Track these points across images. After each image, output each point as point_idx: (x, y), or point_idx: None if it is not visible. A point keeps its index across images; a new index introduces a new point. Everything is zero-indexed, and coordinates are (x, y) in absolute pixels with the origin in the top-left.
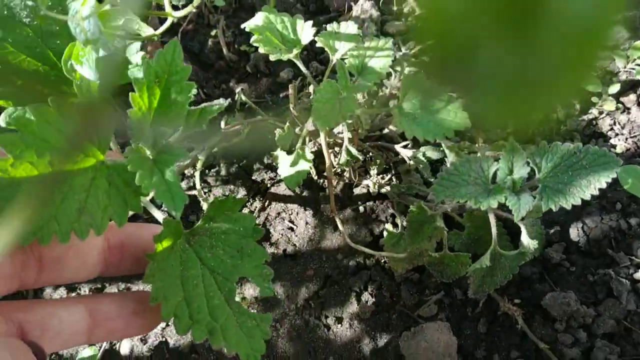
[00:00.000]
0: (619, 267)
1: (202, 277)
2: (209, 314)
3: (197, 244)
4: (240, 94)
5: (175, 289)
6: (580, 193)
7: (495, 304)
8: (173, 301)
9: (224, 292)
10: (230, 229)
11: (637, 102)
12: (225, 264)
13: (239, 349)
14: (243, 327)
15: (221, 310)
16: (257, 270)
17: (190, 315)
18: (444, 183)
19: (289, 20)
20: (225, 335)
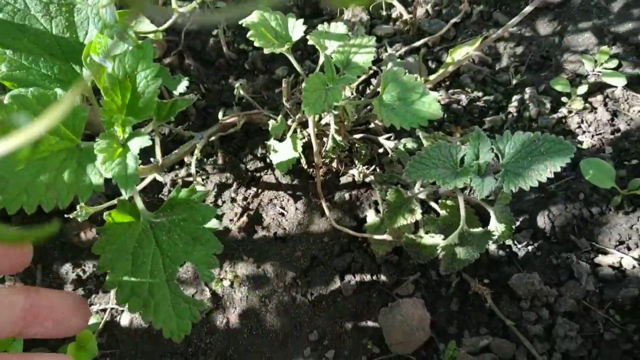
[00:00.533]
0: (581, 252)
1: (153, 256)
2: (148, 290)
3: (157, 227)
4: (239, 88)
5: (124, 262)
6: (538, 176)
7: (467, 285)
8: (119, 273)
9: (167, 273)
10: (190, 217)
11: (604, 103)
12: (177, 248)
13: (164, 326)
14: (175, 308)
15: (160, 289)
16: (204, 258)
17: (131, 288)
18: (416, 165)
19: (281, 17)
20: (156, 311)
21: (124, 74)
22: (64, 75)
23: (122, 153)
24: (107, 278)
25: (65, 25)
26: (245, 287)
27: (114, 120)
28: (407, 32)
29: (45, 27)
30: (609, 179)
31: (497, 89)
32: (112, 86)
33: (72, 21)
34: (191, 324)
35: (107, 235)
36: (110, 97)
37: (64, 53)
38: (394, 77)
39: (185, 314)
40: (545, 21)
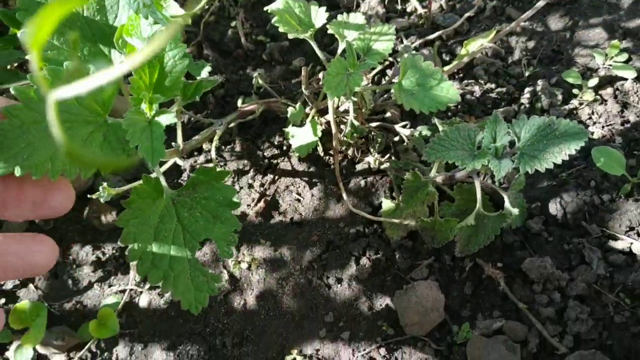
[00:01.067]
0: (592, 238)
1: (174, 231)
2: (168, 263)
3: (179, 204)
4: (258, 78)
5: (146, 236)
6: (553, 158)
7: (480, 269)
8: (142, 246)
9: (188, 248)
10: (211, 196)
11: (614, 95)
12: (198, 225)
13: (183, 297)
14: (194, 281)
15: (180, 263)
16: (224, 235)
17: (152, 261)
18: (435, 147)
19: (305, 5)
20: (175, 283)
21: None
22: (92, 56)
23: (148, 128)
24: (129, 250)
25: (96, 9)
26: (263, 270)
27: (141, 97)
28: (421, 25)
29: (76, 9)
30: (620, 166)
31: (510, 81)
32: (140, 64)
33: (102, 5)
34: (208, 297)
35: (131, 209)
36: (138, 75)
37: (94, 35)
38: (413, 64)
39: (204, 287)
40: (556, 16)
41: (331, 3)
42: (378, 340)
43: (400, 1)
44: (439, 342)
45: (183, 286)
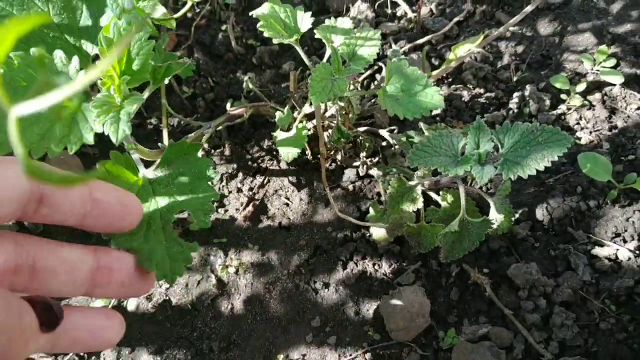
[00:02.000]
0: (578, 244)
1: (149, 206)
2: (144, 236)
3: (156, 182)
4: (248, 81)
5: None
6: (536, 165)
7: (467, 275)
8: None
9: (163, 221)
10: (186, 171)
11: (602, 100)
12: (174, 199)
13: (157, 269)
14: (169, 252)
15: (155, 235)
16: (200, 205)
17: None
18: (418, 153)
19: (290, 10)
20: (150, 255)
21: (119, 36)
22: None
23: (116, 110)
24: None
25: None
26: (250, 274)
27: (109, 81)
28: (411, 29)
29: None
30: (606, 172)
31: (498, 86)
32: (107, 48)
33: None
34: (184, 267)
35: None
36: None
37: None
38: (398, 69)
39: (179, 256)
40: (545, 21)
41: (321, 7)
42: (364, 345)
43: (390, 5)
44: (424, 347)
45: (158, 258)
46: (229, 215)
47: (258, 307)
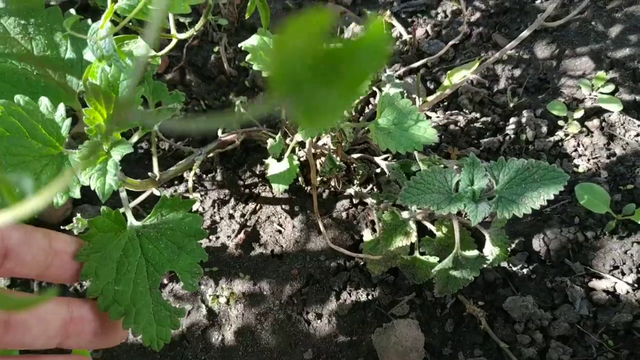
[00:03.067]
0: (575, 276)
1: (137, 265)
2: (130, 298)
3: (144, 236)
4: (239, 106)
5: (108, 270)
6: (531, 203)
7: (462, 306)
8: (103, 281)
9: (150, 282)
10: (176, 226)
11: (600, 127)
12: (162, 257)
13: (144, 333)
14: (156, 315)
15: (142, 297)
16: (189, 267)
17: (114, 296)
18: (411, 190)
19: None
20: (137, 319)
21: (107, 83)
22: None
23: (103, 161)
24: (90, 285)
25: (45, 44)
26: (242, 305)
27: (97, 129)
28: (406, 52)
29: (26, 47)
30: (603, 204)
31: (495, 111)
32: (95, 95)
33: (51, 39)
34: (171, 332)
35: (91, 243)
36: (94, 105)
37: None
38: (391, 102)
39: (166, 322)
40: (543, 44)
41: None
42: None
43: (385, 27)
44: None
45: (145, 321)
46: (221, 242)
47: (249, 338)
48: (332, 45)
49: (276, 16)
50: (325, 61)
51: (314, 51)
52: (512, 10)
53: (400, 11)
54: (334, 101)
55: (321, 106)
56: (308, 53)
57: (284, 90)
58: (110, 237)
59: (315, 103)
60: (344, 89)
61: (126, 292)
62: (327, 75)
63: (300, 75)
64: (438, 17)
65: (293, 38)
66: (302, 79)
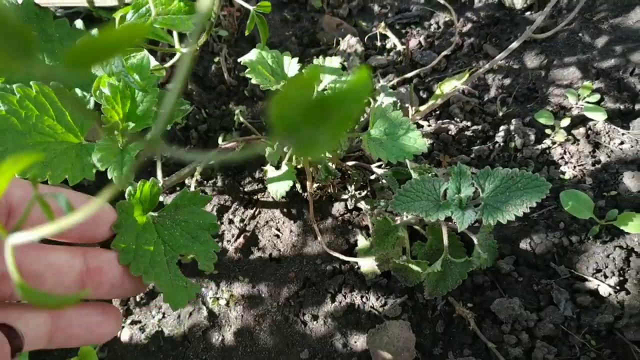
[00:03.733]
0: (560, 279)
1: (155, 241)
2: (149, 260)
3: (159, 224)
4: (239, 115)
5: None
6: (515, 211)
7: (452, 308)
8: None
9: (168, 257)
10: (191, 219)
11: (586, 135)
12: (178, 241)
13: (164, 290)
14: (173, 283)
15: (160, 265)
16: (204, 252)
17: (134, 254)
18: (401, 198)
19: (277, 56)
20: (157, 277)
21: (124, 83)
22: None
23: (120, 155)
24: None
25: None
26: (241, 306)
27: (114, 126)
28: (400, 62)
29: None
30: (587, 210)
31: (485, 119)
32: (113, 95)
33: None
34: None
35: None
36: (111, 104)
37: None
38: (382, 113)
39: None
40: (532, 54)
41: (312, 40)
42: None
43: (379, 38)
44: None
45: (165, 281)
46: (221, 246)
47: (248, 339)
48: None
49: (274, 27)
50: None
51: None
52: (502, 21)
53: (395, 22)
54: (324, 139)
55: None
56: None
57: (285, 131)
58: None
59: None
60: (332, 130)
61: (145, 254)
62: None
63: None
64: (431, 29)
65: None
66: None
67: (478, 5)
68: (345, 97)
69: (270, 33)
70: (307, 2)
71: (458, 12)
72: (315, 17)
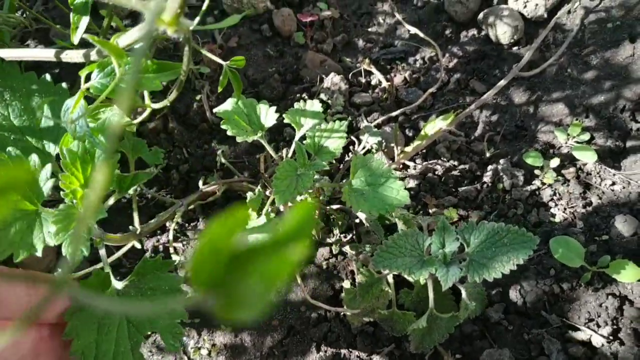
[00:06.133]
0: (552, 328)
1: (119, 325)
2: (112, 357)
3: (124, 296)
4: (221, 155)
5: (89, 331)
6: (501, 268)
7: (440, 358)
8: (84, 341)
9: (132, 342)
10: (157, 287)
11: (576, 175)
12: (143, 317)
13: None
14: None
15: (124, 358)
16: (169, 327)
17: (96, 356)
18: (383, 255)
19: (254, 105)
20: None
21: (84, 150)
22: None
23: (77, 225)
24: (72, 346)
25: (22, 109)
26: (223, 356)
27: (73, 193)
28: (385, 100)
29: (2, 113)
30: (578, 257)
31: (472, 158)
32: (72, 161)
33: (27, 104)
34: None
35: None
36: (70, 171)
37: (24, 135)
38: (364, 163)
39: None
40: (520, 90)
41: (295, 77)
42: None
43: (364, 74)
44: None
45: None
46: None
47: None
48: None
49: (257, 63)
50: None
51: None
52: (489, 56)
53: (380, 58)
54: (253, 294)
55: (241, 299)
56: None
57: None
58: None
59: (235, 297)
60: (263, 283)
61: (108, 353)
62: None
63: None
64: (416, 64)
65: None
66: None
67: (464, 40)
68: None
69: (252, 69)
70: (290, 37)
71: (443, 47)
72: (299, 53)
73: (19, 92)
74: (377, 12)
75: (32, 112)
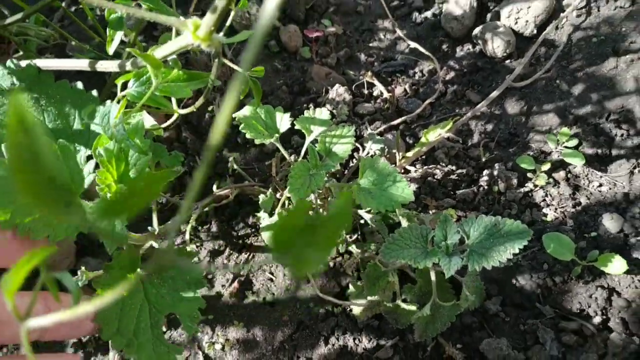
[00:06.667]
0: (546, 318)
1: (141, 305)
2: (133, 331)
3: (147, 281)
4: (232, 162)
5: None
6: (499, 257)
7: (442, 349)
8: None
9: (153, 320)
10: (178, 276)
11: (566, 178)
12: (164, 301)
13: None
14: (156, 350)
15: (144, 333)
16: (189, 311)
17: (117, 327)
18: (390, 247)
19: (270, 111)
20: (138, 350)
21: (119, 148)
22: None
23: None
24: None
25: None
26: (236, 351)
27: (108, 188)
28: (386, 109)
29: (39, 118)
30: (569, 252)
31: (469, 163)
32: (108, 158)
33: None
34: None
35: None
36: (105, 167)
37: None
38: (371, 164)
39: (165, 357)
40: (512, 101)
41: (302, 89)
42: None
43: (366, 86)
44: None
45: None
46: (215, 291)
47: None
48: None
49: (266, 76)
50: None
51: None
52: (484, 69)
53: (381, 71)
54: (314, 256)
55: (306, 260)
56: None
57: (281, 250)
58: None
59: (302, 258)
60: (320, 248)
61: (129, 327)
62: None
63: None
64: (416, 77)
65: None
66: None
67: (460, 54)
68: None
69: (261, 82)
70: (297, 51)
71: (441, 60)
72: (305, 66)
73: (54, 98)
74: (377, 29)
75: (65, 117)
